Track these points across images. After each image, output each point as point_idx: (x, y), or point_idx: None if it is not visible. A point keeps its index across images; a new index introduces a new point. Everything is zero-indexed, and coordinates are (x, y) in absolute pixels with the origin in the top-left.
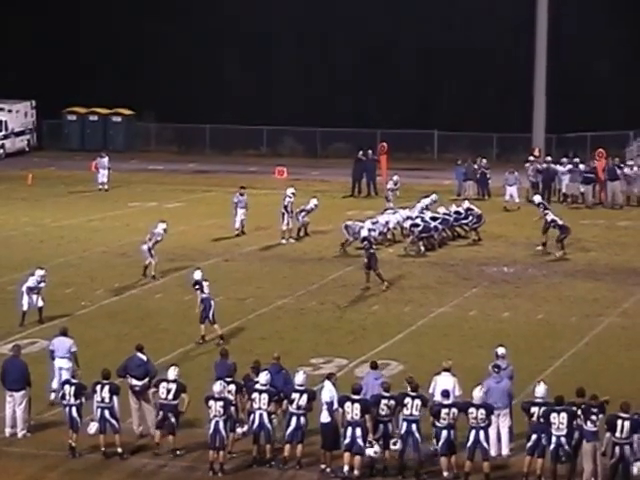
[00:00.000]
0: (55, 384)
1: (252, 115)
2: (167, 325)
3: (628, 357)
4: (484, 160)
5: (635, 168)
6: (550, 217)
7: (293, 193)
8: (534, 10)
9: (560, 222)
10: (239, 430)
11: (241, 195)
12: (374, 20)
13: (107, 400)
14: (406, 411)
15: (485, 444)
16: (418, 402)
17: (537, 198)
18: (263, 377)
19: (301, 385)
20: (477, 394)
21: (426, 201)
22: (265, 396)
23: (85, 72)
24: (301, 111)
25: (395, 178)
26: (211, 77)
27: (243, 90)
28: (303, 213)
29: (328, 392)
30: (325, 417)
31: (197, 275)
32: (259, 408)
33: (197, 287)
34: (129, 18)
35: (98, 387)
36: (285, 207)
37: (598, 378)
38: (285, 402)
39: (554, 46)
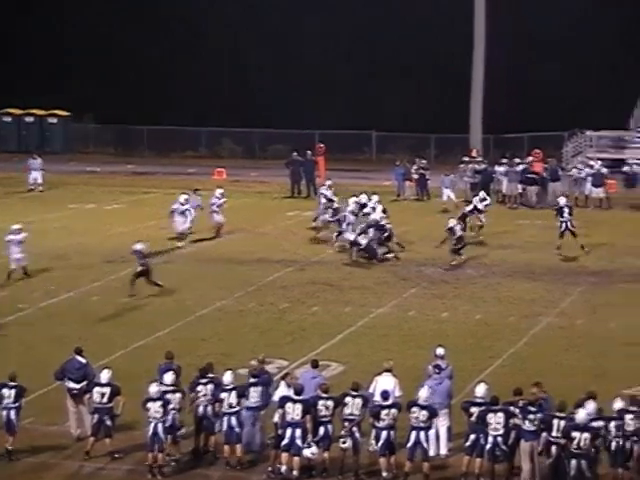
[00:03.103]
0: None
1: (190, 117)
2: (106, 327)
3: (566, 357)
4: (423, 161)
5: (585, 170)
6: (451, 224)
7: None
8: (472, 11)
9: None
10: (177, 432)
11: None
12: (310, 21)
13: (12, 402)
14: (346, 410)
15: (425, 445)
16: (359, 401)
17: (561, 201)
18: (169, 377)
19: (229, 384)
20: (423, 394)
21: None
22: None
23: (21, 73)
24: (239, 112)
25: (328, 182)
26: (149, 78)
27: (181, 91)
28: (216, 208)
29: (280, 393)
30: (277, 417)
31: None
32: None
33: None
34: (66, 18)
35: (5, 390)
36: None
37: (537, 377)
38: (218, 404)
39: (491, 47)
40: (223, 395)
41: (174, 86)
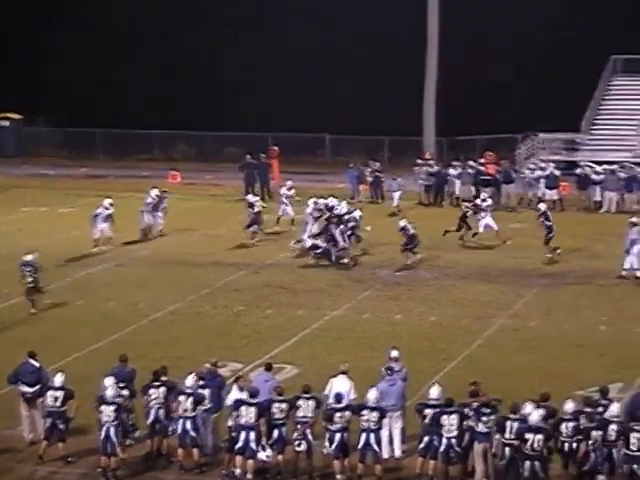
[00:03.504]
0: None
1: (144, 119)
2: (59, 331)
3: (519, 358)
4: (377, 163)
5: (537, 172)
6: (403, 223)
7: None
8: (425, 13)
9: (412, 231)
10: (131, 436)
11: (164, 196)
12: (263, 21)
13: None
14: (299, 413)
15: (376, 447)
16: (311, 403)
17: (542, 206)
18: (108, 381)
19: (189, 388)
20: (372, 396)
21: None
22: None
23: None
24: (193, 115)
25: (289, 183)
26: (101, 80)
27: (134, 93)
28: (149, 208)
29: (233, 397)
30: (231, 420)
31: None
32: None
33: None
34: (15, 20)
35: None
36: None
37: (491, 379)
38: (174, 405)
39: (444, 50)
40: (181, 398)
41: (127, 89)
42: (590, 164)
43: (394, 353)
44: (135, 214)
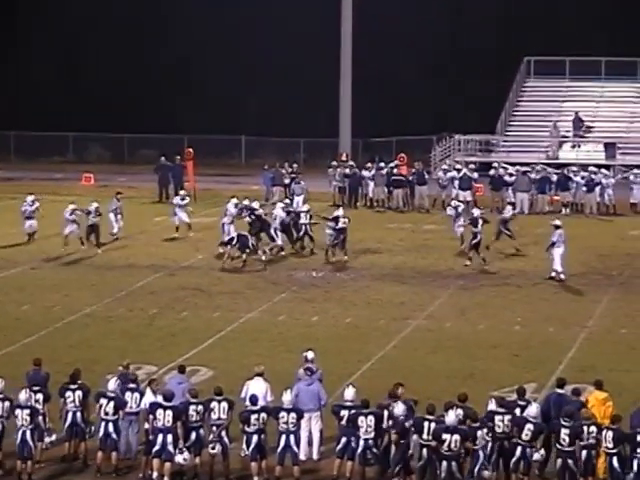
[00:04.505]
0: None
1: (57, 121)
2: None
3: (435, 359)
4: (294, 165)
5: (450, 173)
6: (339, 212)
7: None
8: (339, 15)
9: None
10: (47, 439)
11: (117, 201)
12: (179, 22)
13: None
14: (213, 415)
15: (295, 448)
16: (224, 405)
17: (475, 212)
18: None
19: (112, 392)
20: (287, 398)
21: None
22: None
23: None
24: (107, 117)
25: (182, 192)
26: (14, 81)
27: (48, 95)
28: (28, 214)
29: (148, 400)
30: (148, 424)
31: None
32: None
33: None
34: None
35: None
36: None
37: (406, 380)
38: (97, 407)
39: (360, 51)
40: (102, 401)
41: (40, 91)
42: (504, 165)
43: (310, 355)
44: (49, 217)
